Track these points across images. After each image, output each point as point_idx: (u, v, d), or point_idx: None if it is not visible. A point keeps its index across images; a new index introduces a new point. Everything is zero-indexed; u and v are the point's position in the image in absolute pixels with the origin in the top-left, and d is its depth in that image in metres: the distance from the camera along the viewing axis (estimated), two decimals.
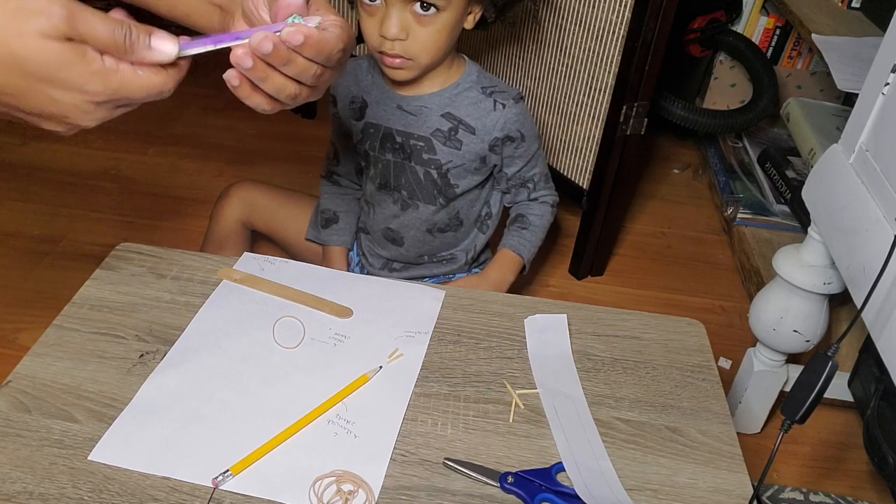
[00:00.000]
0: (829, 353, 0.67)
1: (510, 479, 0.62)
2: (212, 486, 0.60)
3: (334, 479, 0.61)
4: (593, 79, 1.33)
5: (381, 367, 0.72)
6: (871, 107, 0.87)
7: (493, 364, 0.74)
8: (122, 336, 0.74)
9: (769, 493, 1.10)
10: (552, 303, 0.84)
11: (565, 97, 1.40)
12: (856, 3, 1.63)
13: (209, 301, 0.79)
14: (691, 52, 1.83)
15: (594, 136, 1.37)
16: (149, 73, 0.48)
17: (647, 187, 1.86)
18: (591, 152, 1.39)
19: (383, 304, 0.81)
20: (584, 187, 1.43)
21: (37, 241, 1.52)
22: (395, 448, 0.64)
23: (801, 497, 1.11)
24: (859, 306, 0.74)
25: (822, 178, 0.98)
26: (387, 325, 0.78)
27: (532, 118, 1.19)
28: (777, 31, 1.86)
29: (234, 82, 0.52)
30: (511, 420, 0.68)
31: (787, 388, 1.14)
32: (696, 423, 0.70)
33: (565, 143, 1.44)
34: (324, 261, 1.20)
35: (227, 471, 0.60)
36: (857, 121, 0.91)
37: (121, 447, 0.62)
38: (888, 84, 0.85)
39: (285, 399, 0.68)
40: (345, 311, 0.79)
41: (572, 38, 1.34)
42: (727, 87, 1.93)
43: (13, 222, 1.56)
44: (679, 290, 1.55)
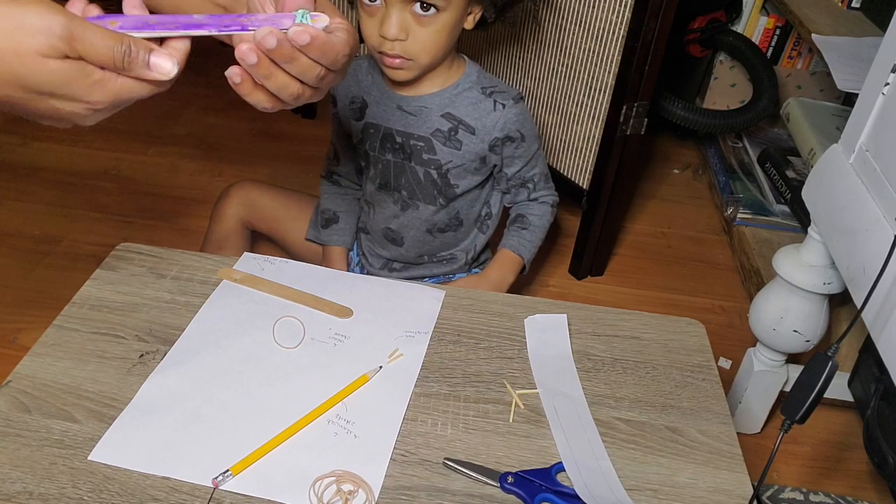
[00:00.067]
0: (829, 353, 0.67)
1: (510, 479, 0.62)
2: (212, 486, 0.60)
3: (334, 479, 0.61)
4: (593, 79, 1.33)
5: (381, 367, 0.72)
6: (871, 107, 0.87)
7: (493, 364, 0.74)
8: (122, 336, 0.74)
9: (769, 493, 1.10)
10: (552, 303, 0.84)
11: (565, 97, 1.40)
12: (856, 3, 1.63)
13: (209, 301, 0.79)
14: (691, 52, 1.83)
15: (594, 136, 1.37)
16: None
17: (647, 187, 1.86)
18: (591, 152, 1.39)
19: (383, 304, 0.81)
20: (584, 187, 1.43)
21: (37, 241, 1.52)
22: (395, 448, 0.64)
23: (801, 497, 1.11)
24: (859, 306, 0.74)
25: (822, 178, 0.98)
26: (387, 325, 0.78)
27: (532, 118, 1.19)
28: (777, 31, 1.86)
29: (235, 79, 0.52)
30: (511, 420, 0.68)
31: (787, 388, 1.14)
32: (696, 423, 0.70)
33: (565, 143, 1.44)
34: (324, 261, 1.20)
35: (227, 471, 0.60)
36: (857, 121, 0.91)
37: (121, 447, 0.62)
38: (888, 84, 0.85)
39: (285, 399, 0.68)
40: (345, 311, 0.79)
41: (572, 38, 1.34)
42: (727, 87, 1.92)
43: (13, 222, 1.56)
44: (679, 290, 1.55)
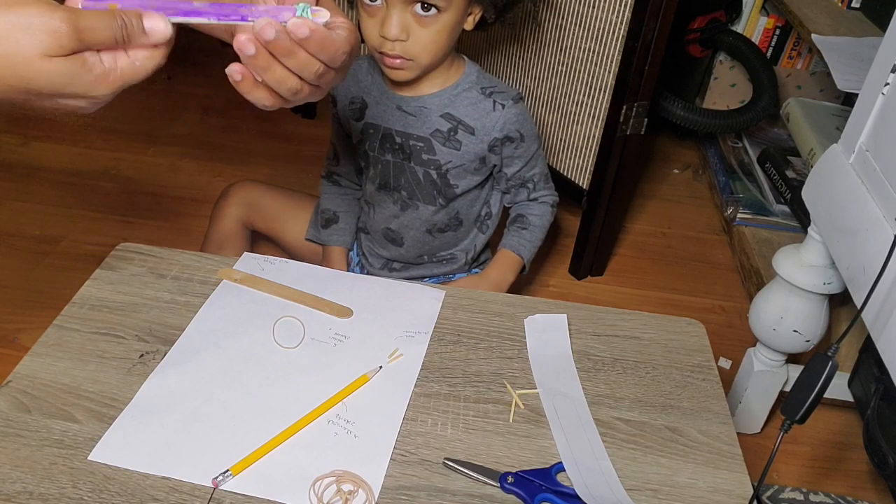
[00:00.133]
0: (829, 353, 0.67)
1: (510, 479, 0.62)
2: (212, 486, 0.60)
3: (334, 479, 0.61)
4: (593, 79, 1.33)
5: (381, 367, 0.72)
6: (871, 107, 0.87)
7: (493, 364, 0.74)
8: (122, 336, 0.74)
9: (769, 493, 1.10)
10: (552, 303, 0.84)
11: (565, 97, 1.40)
12: (856, 3, 1.63)
13: (209, 301, 0.79)
14: (691, 52, 1.83)
15: (594, 136, 1.37)
16: (144, 59, 0.49)
17: (647, 187, 1.86)
18: (591, 152, 1.39)
19: (383, 304, 0.81)
20: (584, 187, 1.43)
21: (37, 241, 1.52)
22: (395, 448, 0.64)
23: (801, 497, 1.11)
24: (859, 306, 0.74)
25: (822, 178, 0.98)
26: (387, 325, 0.78)
27: (532, 118, 1.19)
28: (777, 31, 1.86)
29: (236, 77, 0.52)
30: (511, 420, 0.68)
31: (787, 388, 1.14)
32: (696, 423, 0.70)
33: (565, 142, 1.44)
34: (324, 261, 1.20)
35: (227, 471, 0.60)
36: (857, 121, 0.91)
37: (121, 447, 0.62)
38: (888, 84, 0.85)
39: (285, 399, 0.68)
40: (345, 311, 0.79)
41: (572, 38, 1.34)
42: (727, 87, 1.92)
43: (13, 222, 1.56)
44: (679, 290, 1.55)
